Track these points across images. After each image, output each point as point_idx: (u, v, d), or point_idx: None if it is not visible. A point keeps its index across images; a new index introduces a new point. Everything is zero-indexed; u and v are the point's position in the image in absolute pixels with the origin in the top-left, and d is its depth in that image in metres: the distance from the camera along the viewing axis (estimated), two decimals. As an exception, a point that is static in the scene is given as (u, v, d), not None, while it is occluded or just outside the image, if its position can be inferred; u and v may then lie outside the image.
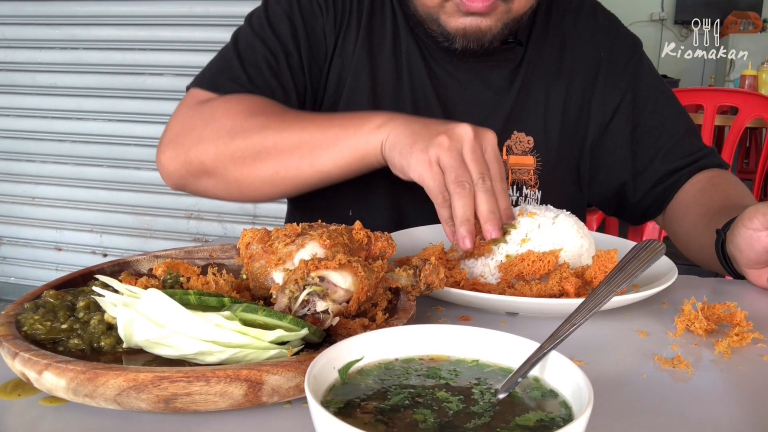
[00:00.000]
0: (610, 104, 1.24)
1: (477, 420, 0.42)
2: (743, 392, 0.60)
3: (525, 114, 1.22)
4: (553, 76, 1.23)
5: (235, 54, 1.15)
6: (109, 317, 0.60)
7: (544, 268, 0.81)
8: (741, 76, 4.09)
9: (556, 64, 1.23)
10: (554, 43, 1.24)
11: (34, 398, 0.56)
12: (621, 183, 1.25)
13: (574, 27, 1.26)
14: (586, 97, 1.24)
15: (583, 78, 1.24)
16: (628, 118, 1.23)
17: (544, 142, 1.22)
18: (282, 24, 1.16)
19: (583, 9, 1.28)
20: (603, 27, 1.27)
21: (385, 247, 0.75)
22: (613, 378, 0.62)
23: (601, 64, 1.24)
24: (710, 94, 3.02)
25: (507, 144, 1.21)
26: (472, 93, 1.21)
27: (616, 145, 1.24)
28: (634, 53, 1.27)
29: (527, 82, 1.22)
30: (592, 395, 0.41)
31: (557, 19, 1.26)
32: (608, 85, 1.24)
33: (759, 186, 3.23)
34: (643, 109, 1.24)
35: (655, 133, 1.23)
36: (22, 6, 3.32)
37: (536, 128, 1.22)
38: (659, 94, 1.26)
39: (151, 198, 3.41)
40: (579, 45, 1.25)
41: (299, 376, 0.52)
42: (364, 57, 1.18)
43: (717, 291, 0.91)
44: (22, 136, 3.50)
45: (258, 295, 0.70)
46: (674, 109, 1.26)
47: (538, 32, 1.24)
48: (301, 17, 1.16)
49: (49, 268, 3.66)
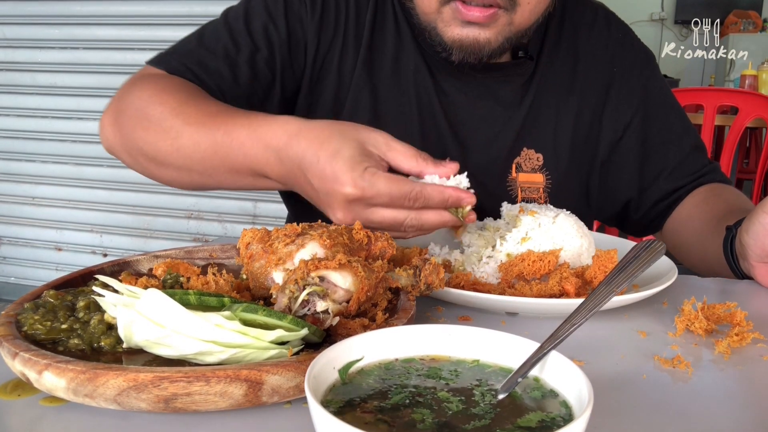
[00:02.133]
0: (622, 121, 1.21)
1: (477, 421, 0.42)
2: (743, 392, 0.60)
3: (535, 131, 1.19)
4: (565, 92, 1.20)
5: (197, 37, 1.14)
6: (109, 317, 0.60)
7: (544, 268, 0.81)
8: (741, 76, 4.10)
9: (569, 79, 1.21)
10: (567, 58, 1.21)
11: (34, 398, 0.56)
12: (627, 200, 1.24)
13: (588, 41, 1.23)
14: (597, 114, 1.22)
15: (594, 94, 1.21)
16: (639, 135, 1.22)
17: (554, 159, 1.19)
18: (257, 20, 1.13)
19: (597, 22, 1.24)
20: (617, 39, 1.24)
21: (385, 247, 0.75)
22: (613, 378, 0.62)
23: (613, 78, 1.22)
24: (710, 94, 3.03)
25: (516, 161, 1.19)
26: (482, 109, 1.18)
27: (626, 162, 1.22)
28: (647, 67, 1.25)
29: (538, 98, 1.19)
30: (592, 395, 0.41)
31: (570, 32, 1.22)
32: (620, 101, 1.22)
33: (759, 186, 3.23)
34: (652, 124, 1.22)
35: (663, 150, 1.21)
36: (22, 6, 3.32)
37: (546, 145, 1.19)
38: (669, 110, 1.24)
39: (151, 198, 3.41)
40: (592, 60, 1.22)
41: (299, 376, 0.52)
42: (365, 76, 1.15)
43: (717, 291, 0.91)
44: (22, 136, 3.50)
45: (258, 295, 0.70)
46: (682, 125, 1.24)
47: (550, 46, 1.21)
48: (285, 19, 1.13)
49: (49, 268, 3.66)
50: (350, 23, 1.16)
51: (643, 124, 1.22)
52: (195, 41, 1.14)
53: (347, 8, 1.16)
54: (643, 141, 1.22)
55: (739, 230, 0.94)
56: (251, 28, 1.12)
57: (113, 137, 1.05)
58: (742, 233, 0.92)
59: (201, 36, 1.14)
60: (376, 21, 1.17)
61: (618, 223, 1.32)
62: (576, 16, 1.23)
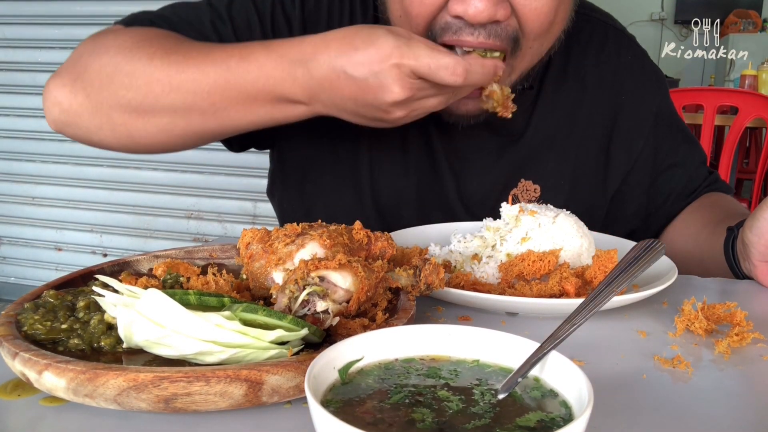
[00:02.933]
0: (634, 151, 1.17)
1: (477, 420, 0.42)
2: (743, 392, 0.60)
3: (534, 161, 1.14)
4: (568, 122, 1.15)
5: (171, 8, 1.06)
6: (109, 317, 0.60)
7: (544, 268, 0.81)
8: (741, 76, 4.10)
9: (573, 108, 1.15)
10: (572, 87, 1.16)
11: (34, 398, 0.56)
12: (632, 230, 1.22)
13: (596, 67, 1.17)
14: (603, 145, 1.16)
15: (601, 124, 1.16)
16: (648, 164, 1.18)
17: (552, 191, 1.14)
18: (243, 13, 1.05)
19: (606, 46, 1.18)
20: (626, 65, 1.18)
21: (385, 247, 0.75)
22: (613, 378, 0.62)
23: (622, 108, 1.16)
24: (710, 94, 3.03)
25: (513, 192, 1.14)
26: (479, 140, 1.13)
27: (634, 194, 1.19)
28: (657, 92, 1.20)
29: (538, 128, 1.14)
30: (592, 395, 0.41)
31: (577, 56, 1.16)
32: (630, 130, 1.17)
33: (759, 186, 3.23)
34: (660, 150, 1.19)
35: (669, 175, 1.19)
36: (22, 6, 3.32)
37: (545, 176, 1.14)
38: (676, 133, 1.21)
39: (151, 198, 3.41)
40: (599, 88, 1.16)
41: (299, 376, 0.52)
42: None
43: (717, 291, 0.91)
44: (22, 136, 3.50)
45: (258, 295, 0.70)
46: (689, 146, 1.22)
47: (556, 74, 1.15)
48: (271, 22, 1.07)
49: (49, 268, 3.66)
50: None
51: (652, 151, 1.18)
52: (168, 10, 1.05)
53: (340, 22, 1.10)
54: (651, 169, 1.19)
55: (742, 229, 0.94)
56: (234, 16, 1.05)
57: (70, 99, 0.92)
58: (745, 231, 0.92)
59: (176, 10, 1.05)
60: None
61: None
62: (584, 37, 1.17)
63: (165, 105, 0.88)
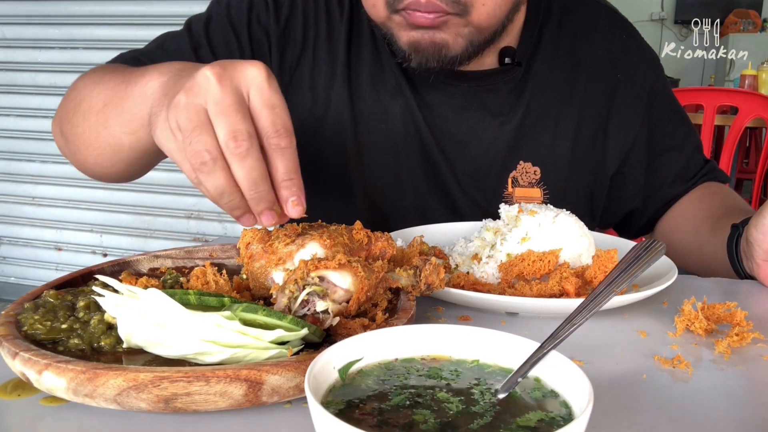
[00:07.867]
0: (631, 131, 1.16)
1: (478, 420, 0.42)
2: (743, 392, 0.60)
3: (531, 143, 1.13)
4: (564, 102, 1.14)
5: (157, 43, 1.12)
6: (109, 317, 0.60)
7: (544, 268, 0.81)
8: (741, 76, 4.10)
9: (567, 88, 1.14)
10: (565, 65, 1.15)
11: (34, 398, 0.56)
12: (630, 210, 1.22)
13: (589, 46, 1.16)
14: (600, 124, 1.15)
15: (597, 103, 1.15)
16: (646, 144, 1.18)
17: (552, 173, 1.14)
18: (218, 32, 1.10)
19: (599, 24, 1.17)
20: (621, 43, 1.18)
21: (385, 247, 0.75)
22: (613, 378, 0.62)
23: (617, 86, 1.16)
24: (710, 94, 3.03)
25: (513, 175, 1.13)
26: (469, 120, 1.12)
27: (634, 174, 1.18)
28: (652, 71, 1.20)
29: (532, 108, 1.13)
30: (592, 395, 0.41)
31: (569, 35, 1.15)
32: (627, 109, 1.16)
33: (759, 186, 3.23)
34: (657, 131, 1.19)
35: (667, 157, 1.19)
36: (22, 6, 3.32)
37: (544, 158, 1.13)
38: (673, 114, 1.21)
39: (151, 198, 3.41)
40: (594, 66, 1.15)
41: (299, 376, 0.52)
42: (345, 93, 1.11)
43: (717, 291, 0.91)
44: (23, 136, 3.50)
45: (258, 295, 0.70)
46: (685, 128, 1.22)
47: (547, 51, 1.14)
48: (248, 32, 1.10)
49: (49, 268, 3.66)
50: (321, 39, 1.12)
51: (648, 131, 1.18)
52: (153, 44, 1.12)
53: (317, 24, 1.12)
54: (649, 149, 1.18)
55: (747, 228, 0.93)
56: (211, 38, 1.10)
57: (58, 140, 1.04)
58: (751, 229, 0.91)
59: (161, 43, 1.12)
60: (352, 37, 1.12)
61: (614, 228, 1.31)
62: (576, 16, 1.17)
63: (85, 136, 0.94)
